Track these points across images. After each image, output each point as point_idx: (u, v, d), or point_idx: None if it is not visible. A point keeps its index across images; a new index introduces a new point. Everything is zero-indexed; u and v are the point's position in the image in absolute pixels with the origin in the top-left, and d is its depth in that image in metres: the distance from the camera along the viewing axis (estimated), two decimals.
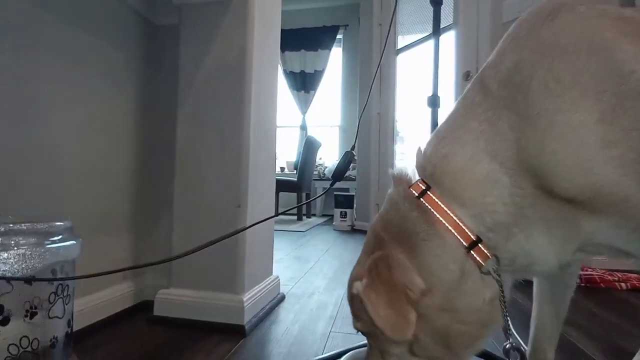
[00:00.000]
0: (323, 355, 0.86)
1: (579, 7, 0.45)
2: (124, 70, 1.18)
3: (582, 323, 1.21)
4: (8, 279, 0.42)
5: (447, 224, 0.47)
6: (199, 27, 1.14)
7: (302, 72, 5.54)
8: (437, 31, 0.98)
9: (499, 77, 0.47)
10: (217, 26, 1.13)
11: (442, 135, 0.51)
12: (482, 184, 0.46)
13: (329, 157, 5.50)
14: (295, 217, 4.47)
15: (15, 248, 0.43)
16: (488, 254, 0.47)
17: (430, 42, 3.31)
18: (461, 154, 0.47)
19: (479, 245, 0.46)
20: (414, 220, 0.49)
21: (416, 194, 0.49)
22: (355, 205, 3.90)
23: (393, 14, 0.97)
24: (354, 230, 3.69)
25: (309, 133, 5.35)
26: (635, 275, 1.76)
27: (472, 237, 0.46)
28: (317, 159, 4.92)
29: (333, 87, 5.66)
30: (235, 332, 1.03)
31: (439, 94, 0.99)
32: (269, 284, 1.29)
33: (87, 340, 0.96)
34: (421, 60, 3.31)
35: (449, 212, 0.47)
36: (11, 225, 0.44)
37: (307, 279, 1.70)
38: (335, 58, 5.61)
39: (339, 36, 5.51)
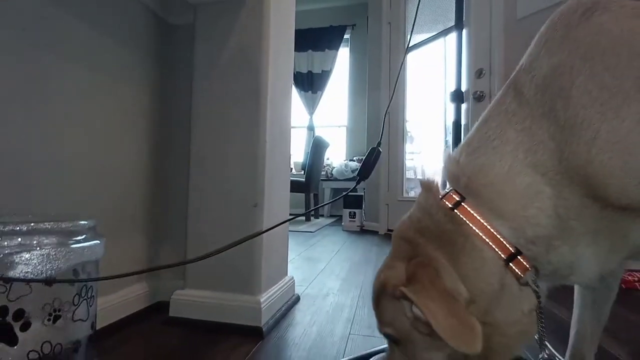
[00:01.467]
0: (346, 359, 0.83)
1: (612, 4, 0.43)
2: (138, 69, 1.17)
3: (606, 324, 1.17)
4: (24, 281, 0.40)
5: (484, 237, 0.45)
6: (214, 25, 1.13)
7: (310, 72, 5.52)
8: (459, 23, 0.95)
9: (535, 82, 0.45)
10: (232, 24, 1.11)
11: (476, 144, 0.49)
12: (523, 196, 0.45)
13: (336, 158, 5.47)
14: (303, 218, 4.44)
15: (38, 248, 0.41)
16: (527, 266, 0.45)
17: (440, 41, 3.26)
18: (499, 166, 0.46)
19: (518, 257, 0.45)
20: (449, 232, 0.47)
21: (450, 205, 0.48)
22: (364, 206, 3.87)
23: (417, 10, 0.95)
24: (363, 231, 3.66)
25: (317, 134, 5.32)
26: None
27: (510, 249, 0.45)
28: (325, 159, 4.89)
29: (340, 87, 5.63)
30: (252, 334, 1.01)
31: (461, 89, 0.96)
32: (284, 285, 1.26)
33: (102, 342, 0.95)
34: (431, 60, 3.27)
35: (486, 224, 0.45)
36: (33, 224, 0.42)
37: (320, 280, 1.68)
38: (342, 58, 5.58)
39: (346, 36, 5.48)
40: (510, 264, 0.45)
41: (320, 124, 5.64)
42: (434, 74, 3.26)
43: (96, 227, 0.51)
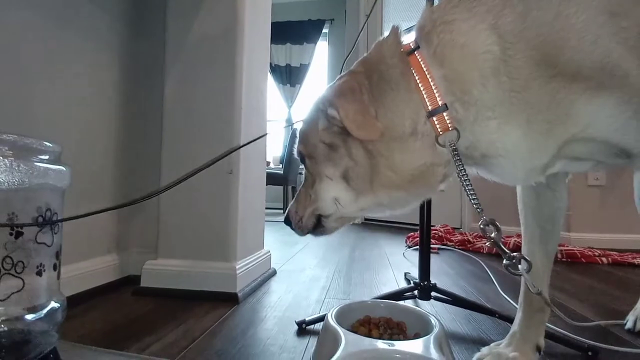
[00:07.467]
0: (317, 315, 0.84)
1: None
2: (109, 32, 1.13)
3: (569, 289, 1.24)
4: None
5: (420, 83, 0.47)
6: None
7: (288, 65, 5.50)
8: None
9: None
10: None
11: (457, 2, 0.50)
12: (471, 51, 0.46)
13: None
14: (281, 210, 4.43)
15: (1, 157, 0.39)
16: (449, 126, 0.47)
17: None
18: (467, 22, 0.47)
19: (443, 114, 0.47)
20: (392, 68, 0.50)
21: (404, 50, 0.50)
22: None
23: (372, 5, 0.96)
24: None
25: (295, 127, 5.31)
26: (616, 252, 1.81)
27: (439, 102, 0.47)
28: None
29: (319, 81, 5.65)
30: (227, 300, 1.00)
31: None
32: (260, 256, 1.26)
33: (69, 310, 0.91)
34: None
35: (427, 74, 0.47)
36: None
37: (297, 257, 1.68)
38: (320, 52, 5.60)
39: (324, 30, 5.50)
40: (434, 117, 0.47)
41: (298, 117, 5.63)
42: None
43: (61, 154, 0.49)
